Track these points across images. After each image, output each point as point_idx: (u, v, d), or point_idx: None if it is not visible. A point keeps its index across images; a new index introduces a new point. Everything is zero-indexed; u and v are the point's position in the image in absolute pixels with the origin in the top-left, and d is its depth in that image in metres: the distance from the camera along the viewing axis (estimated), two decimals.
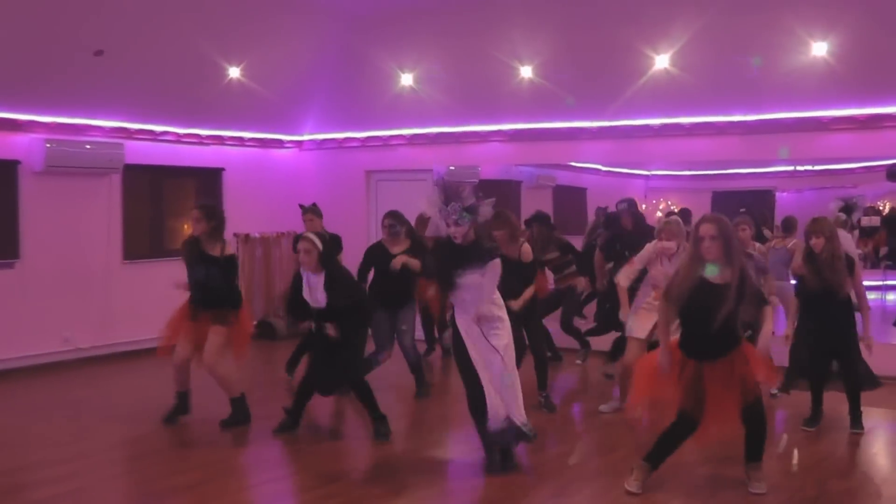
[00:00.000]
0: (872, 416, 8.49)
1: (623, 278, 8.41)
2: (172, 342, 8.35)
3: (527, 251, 8.75)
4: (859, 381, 8.11)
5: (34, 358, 10.98)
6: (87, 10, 9.95)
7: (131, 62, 10.90)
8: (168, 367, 8.45)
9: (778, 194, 13.04)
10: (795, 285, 8.38)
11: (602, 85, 11.49)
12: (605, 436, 8.16)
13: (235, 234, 13.10)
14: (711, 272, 6.13)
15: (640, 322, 8.36)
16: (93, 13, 10.02)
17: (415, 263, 9.25)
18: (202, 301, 8.24)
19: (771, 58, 10.43)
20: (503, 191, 13.48)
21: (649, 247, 8.33)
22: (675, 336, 6.48)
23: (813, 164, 12.57)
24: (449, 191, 6.79)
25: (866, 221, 13.09)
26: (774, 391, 8.97)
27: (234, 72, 12.02)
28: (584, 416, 9.03)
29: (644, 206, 13.75)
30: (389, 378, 9.84)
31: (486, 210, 6.89)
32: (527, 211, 11.77)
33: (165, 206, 12.88)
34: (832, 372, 8.18)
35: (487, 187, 11.20)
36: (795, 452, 7.66)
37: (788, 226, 10.89)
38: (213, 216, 8.32)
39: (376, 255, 9.49)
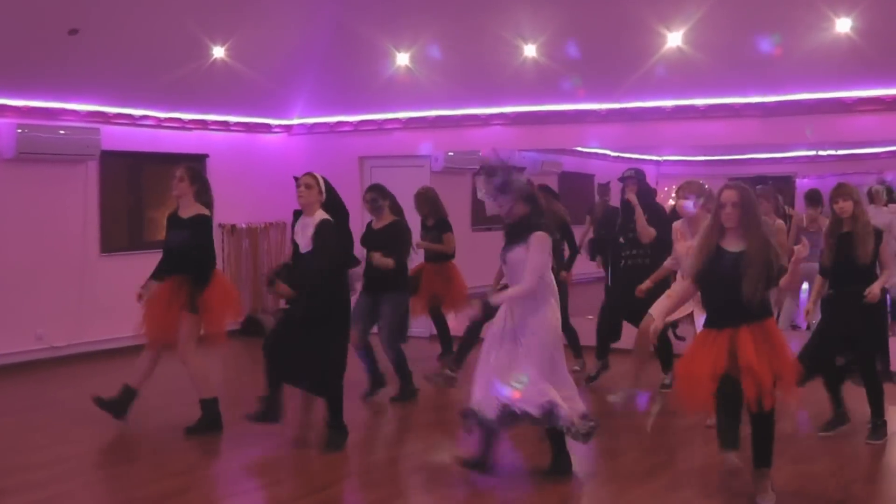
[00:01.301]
0: None
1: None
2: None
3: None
4: (878, 378, 7.86)
5: (6, 357, 10.97)
6: None
7: (108, 42, 10.87)
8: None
9: (798, 180, 13.02)
10: (819, 262, 8.13)
11: (611, 64, 11.46)
12: (609, 439, 8.13)
13: (221, 225, 13.07)
14: None
15: (663, 303, 8.39)
16: None
17: (387, 263, 9.13)
18: (170, 268, 8.26)
19: (791, 35, 10.41)
20: None
21: (676, 225, 8.45)
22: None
23: (836, 149, 12.53)
24: (486, 167, 6.91)
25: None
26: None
27: (219, 51, 11.99)
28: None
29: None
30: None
31: (519, 183, 6.86)
32: None
33: (145, 196, 12.85)
34: (842, 365, 7.98)
35: None
36: (819, 455, 7.66)
37: (814, 198, 10.83)
38: (197, 179, 8.33)
39: (364, 233, 9.53)
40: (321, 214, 7.59)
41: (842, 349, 7.92)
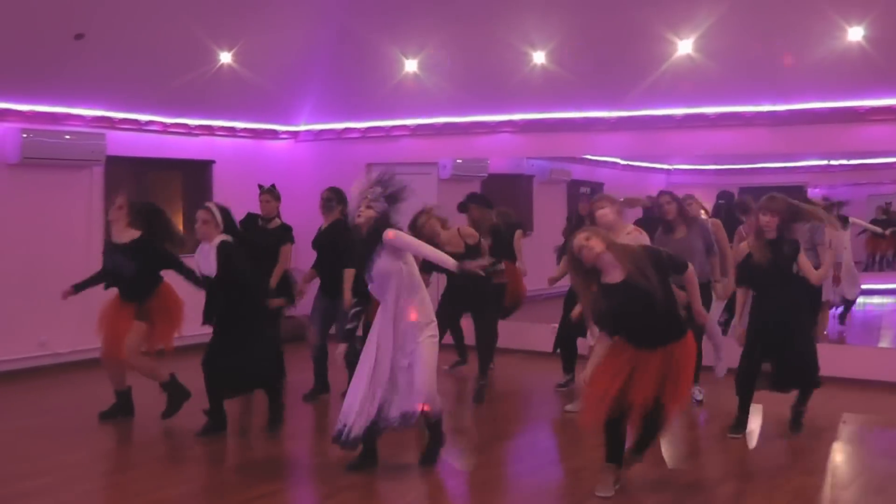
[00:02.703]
0: None
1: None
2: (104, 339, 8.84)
3: (468, 232, 9.30)
4: (811, 377, 8.01)
5: (8, 363, 11.00)
6: None
7: (114, 46, 10.89)
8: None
9: (810, 190, 13.00)
10: (739, 270, 8.32)
11: (620, 72, 11.46)
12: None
13: None
14: None
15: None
16: None
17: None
18: (121, 293, 8.77)
19: (803, 43, 10.41)
20: (513, 186, 13.48)
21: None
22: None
23: (848, 158, 12.53)
24: (379, 177, 6.96)
25: None
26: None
27: (226, 57, 12.01)
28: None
29: None
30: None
31: (404, 205, 7.06)
32: (539, 208, 11.76)
33: (151, 201, 12.84)
34: (765, 372, 8.08)
35: (497, 182, 11.24)
36: (829, 464, 7.65)
37: (745, 208, 10.82)
38: (133, 210, 8.76)
39: (315, 236, 9.84)
40: (220, 237, 8.07)
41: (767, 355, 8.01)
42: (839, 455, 7.90)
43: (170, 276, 8.85)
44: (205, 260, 8.13)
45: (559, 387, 10.12)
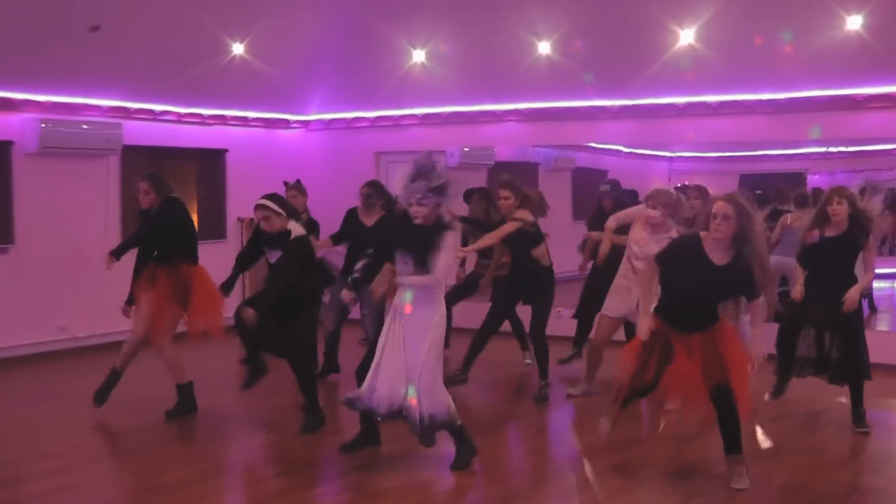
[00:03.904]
0: None
1: (611, 220, 8.84)
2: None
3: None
4: (861, 367, 7.83)
5: (28, 347, 11.04)
6: None
7: (130, 38, 10.90)
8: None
9: (809, 177, 12.97)
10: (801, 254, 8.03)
11: (623, 61, 11.45)
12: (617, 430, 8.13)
13: (239, 219, 13.14)
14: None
15: (615, 300, 8.62)
16: None
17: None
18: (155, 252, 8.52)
19: (802, 32, 10.38)
20: (519, 173, 13.47)
21: (638, 208, 8.57)
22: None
23: (846, 146, 12.48)
24: (419, 168, 6.66)
25: None
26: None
27: (238, 48, 12.02)
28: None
29: None
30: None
31: (453, 192, 6.82)
32: (545, 195, 11.69)
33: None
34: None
35: (503, 169, 11.20)
36: (826, 445, 7.65)
37: (802, 201, 10.76)
38: (161, 188, 8.40)
39: (349, 220, 9.76)
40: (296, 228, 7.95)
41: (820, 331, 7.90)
42: (836, 436, 7.88)
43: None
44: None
45: (562, 362, 10.08)
